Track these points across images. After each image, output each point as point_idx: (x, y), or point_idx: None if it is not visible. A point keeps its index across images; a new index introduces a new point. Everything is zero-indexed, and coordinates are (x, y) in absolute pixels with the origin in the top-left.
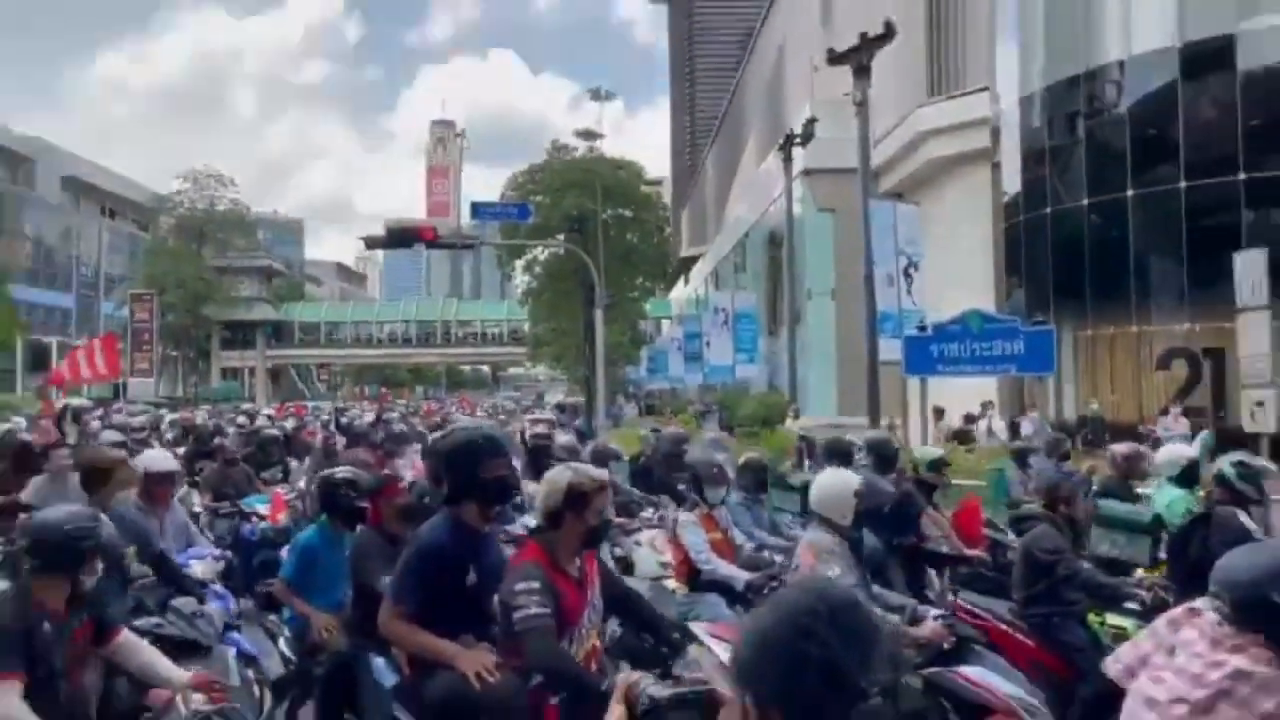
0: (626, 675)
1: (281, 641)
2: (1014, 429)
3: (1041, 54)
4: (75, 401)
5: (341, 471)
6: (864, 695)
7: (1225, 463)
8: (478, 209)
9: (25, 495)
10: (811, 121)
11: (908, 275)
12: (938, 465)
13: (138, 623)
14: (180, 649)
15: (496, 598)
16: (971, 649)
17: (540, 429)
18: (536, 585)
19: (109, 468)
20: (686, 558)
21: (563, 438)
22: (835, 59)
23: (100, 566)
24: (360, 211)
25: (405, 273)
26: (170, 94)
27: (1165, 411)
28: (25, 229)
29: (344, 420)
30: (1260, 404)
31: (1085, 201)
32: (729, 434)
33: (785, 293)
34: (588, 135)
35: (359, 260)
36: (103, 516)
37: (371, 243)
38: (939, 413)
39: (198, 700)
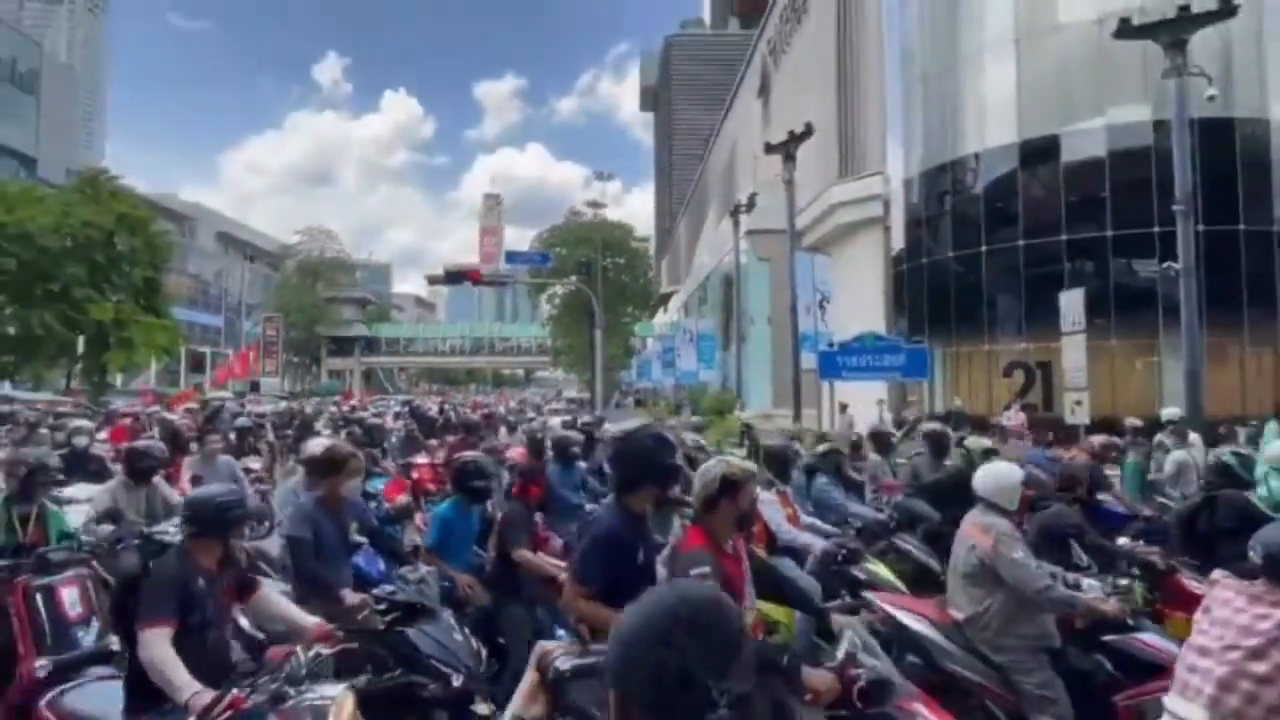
0: (542, 644)
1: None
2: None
3: (920, 148)
4: (218, 394)
5: (469, 456)
6: (714, 704)
7: (1226, 453)
8: (511, 256)
9: (182, 470)
10: (754, 195)
11: (822, 307)
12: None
13: (375, 591)
14: (410, 612)
15: (670, 581)
16: (1136, 619)
17: (588, 417)
18: (708, 569)
19: (344, 459)
20: (765, 528)
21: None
22: (771, 150)
23: (247, 533)
24: (431, 258)
25: (463, 302)
26: (295, 172)
27: (1008, 407)
28: (189, 269)
29: (410, 408)
30: (1079, 403)
31: (951, 254)
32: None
33: (734, 319)
34: (595, 205)
35: (430, 293)
36: (247, 491)
37: (434, 280)
38: (843, 407)
39: (317, 648)
